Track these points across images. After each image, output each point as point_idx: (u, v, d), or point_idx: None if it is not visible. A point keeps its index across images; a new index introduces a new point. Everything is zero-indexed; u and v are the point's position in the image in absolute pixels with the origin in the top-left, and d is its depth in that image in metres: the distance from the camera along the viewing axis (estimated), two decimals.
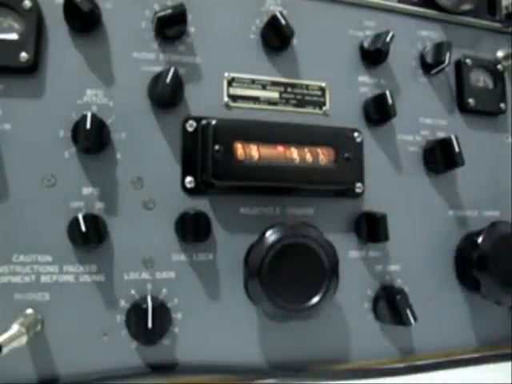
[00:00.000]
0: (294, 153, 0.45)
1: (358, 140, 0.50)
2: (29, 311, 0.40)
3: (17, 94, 0.42)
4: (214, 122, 0.43)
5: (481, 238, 0.51)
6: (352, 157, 0.47)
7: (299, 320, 0.44)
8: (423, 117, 0.54)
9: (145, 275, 0.43)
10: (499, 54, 0.59)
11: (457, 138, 0.51)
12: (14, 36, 0.41)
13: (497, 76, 0.57)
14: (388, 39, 0.50)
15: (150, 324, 0.39)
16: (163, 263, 0.44)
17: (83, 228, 0.39)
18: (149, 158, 0.44)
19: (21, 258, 0.41)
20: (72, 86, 0.43)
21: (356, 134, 0.50)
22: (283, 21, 0.46)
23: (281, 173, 0.44)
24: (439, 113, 0.55)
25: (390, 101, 0.49)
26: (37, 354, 0.40)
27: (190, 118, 0.45)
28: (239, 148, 0.43)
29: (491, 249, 0.50)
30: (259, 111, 0.48)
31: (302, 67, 0.50)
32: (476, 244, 0.51)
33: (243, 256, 0.45)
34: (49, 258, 0.41)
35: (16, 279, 0.40)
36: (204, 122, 0.45)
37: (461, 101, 0.56)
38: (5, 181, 0.41)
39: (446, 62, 0.52)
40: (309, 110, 0.50)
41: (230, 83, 0.48)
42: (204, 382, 0.43)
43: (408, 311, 0.46)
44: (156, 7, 0.46)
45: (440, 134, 0.54)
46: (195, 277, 0.44)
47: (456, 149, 0.51)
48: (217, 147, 0.43)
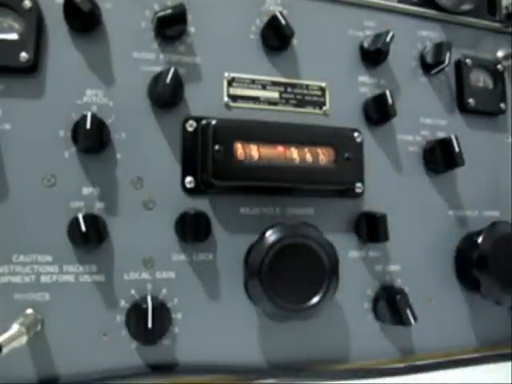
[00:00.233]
0: (294, 153, 0.45)
1: (358, 140, 0.50)
2: (29, 311, 0.40)
3: (17, 94, 0.42)
4: (214, 122, 0.43)
5: (481, 238, 0.51)
6: (352, 157, 0.47)
7: (299, 320, 0.44)
8: (423, 117, 0.54)
9: (145, 275, 0.43)
10: (499, 54, 0.59)
11: (457, 138, 0.51)
12: (14, 36, 0.41)
13: (497, 76, 0.57)
14: (388, 39, 0.50)
15: (150, 324, 0.39)
16: (163, 263, 0.44)
17: (83, 228, 0.39)
18: (149, 158, 0.44)
19: (21, 258, 0.41)
20: (72, 86, 0.43)
21: (356, 134, 0.50)
22: (283, 21, 0.46)
23: (281, 173, 0.44)
24: (439, 113, 0.55)
25: (390, 101, 0.49)
26: (37, 354, 0.40)
27: (190, 118, 0.45)
28: (239, 148, 0.43)
29: (491, 249, 0.50)
30: (259, 111, 0.48)
31: (302, 67, 0.50)
32: (476, 244, 0.51)
33: (243, 256, 0.45)
34: (49, 258, 0.41)
35: (16, 279, 0.40)
36: (204, 122, 0.45)
37: (461, 101, 0.56)
38: (5, 181, 0.41)
39: (446, 62, 0.52)
40: (309, 110, 0.50)
41: (230, 83, 0.48)
42: (204, 382, 0.43)
43: (408, 311, 0.46)
44: (156, 7, 0.46)
45: (440, 134, 0.54)
46: (195, 277, 0.44)
47: (456, 149, 0.51)
48: (217, 147, 0.43)
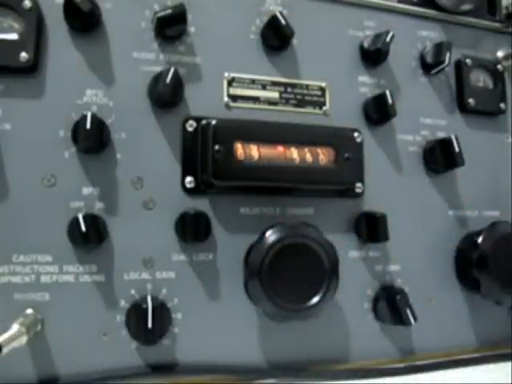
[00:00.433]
0: (294, 153, 0.45)
1: (358, 140, 0.50)
2: (29, 311, 0.40)
3: (17, 94, 0.42)
4: (214, 122, 0.43)
5: (481, 238, 0.51)
6: (352, 157, 0.47)
7: (299, 320, 0.44)
8: (423, 117, 0.54)
9: (145, 275, 0.43)
10: (499, 54, 0.59)
11: (457, 138, 0.51)
12: (14, 36, 0.41)
13: (497, 76, 0.57)
14: (388, 39, 0.50)
15: (150, 324, 0.39)
16: (163, 263, 0.44)
17: (83, 228, 0.39)
18: (149, 158, 0.44)
19: (21, 258, 0.41)
20: (72, 86, 0.43)
21: (356, 134, 0.50)
22: (283, 21, 0.46)
23: (281, 173, 0.44)
24: (439, 113, 0.55)
25: (390, 101, 0.49)
26: (37, 354, 0.40)
27: (190, 118, 0.45)
28: (239, 148, 0.43)
29: (491, 249, 0.50)
30: (259, 111, 0.48)
31: (302, 67, 0.50)
32: (476, 244, 0.51)
33: (243, 256, 0.45)
34: (49, 258, 0.41)
35: (16, 279, 0.40)
36: (204, 122, 0.45)
37: (461, 101, 0.56)
38: (5, 181, 0.41)
39: (446, 62, 0.52)
40: (309, 110, 0.50)
41: (230, 83, 0.48)
42: (204, 382, 0.43)
43: (408, 311, 0.46)
44: (156, 7, 0.46)
45: (440, 134, 0.54)
46: (195, 277, 0.44)
47: (456, 149, 0.51)
48: (217, 147, 0.43)
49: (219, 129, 0.43)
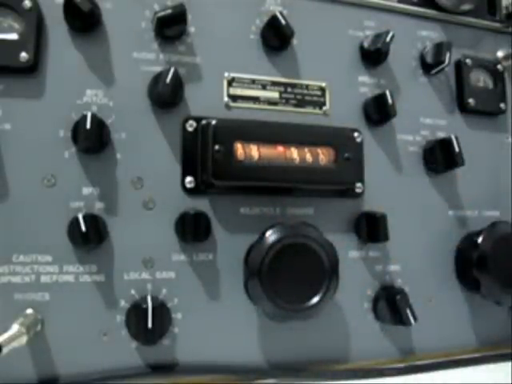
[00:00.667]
0: (294, 153, 0.45)
1: (358, 140, 0.50)
2: (29, 311, 0.40)
3: (17, 94, 0.42)
4: (214, 122, 0.43)
5: (481, 238, 0.51)
6: (352, 157, 0.47)
7: (299, 320, 0.44)
8: (423, 117, 0.54)
9: (145, 275, 0.43)
10: (499, 54, 0.59)
11: (457, 138, 0.51)
12: (14, 36, 0.41)
13: (497, 76, 0.57)
14: (388, 39, 0.50)
15: (150, 324, 0.39)
16: (163, 263, 0.44)
17: (83, 228, 0.39)
18: (149, 158, 0.44)
19: (21, 258, 0.41)
20: (72, 86, 0.43)
21: (356, 134, 0.50)
22: (283, 21, 0.46)
23: (281, 173, 0.44)
24: (439, 113, 0.55)
25: (390, 101, 0.49)
26: (37, 354, 0.40)
27: (190, 118, 0.45)
28: (239, 148, 0.43)
29: (491, 249, 0.50)
30: (259, 111, 0.48)
31: (302, 67, 0.50)
32: (476, 244, 0.51)
33: (243, 256, 0.45)
34: (49, 258, 0.41)
35: (16, 279, 0.40)
36: (204, 122, 0.45)
37: (461, 101, 0.56)
38: (5, 181, 0.41)
39: (446, 62, 0.52)
40: (309, 110, 0.50)
41: (230, 83, 0.48)
42: (204, 382, 0.43)
43: (408, 311, 0.46)
44: (156, 7, 0.46)
45: (440, 134, 0.54)
46: (195, 277, 0.44)
47: (456, 149, 0.51)
48: (217, 147, 0.43)
49: (219, 129, 0.43)
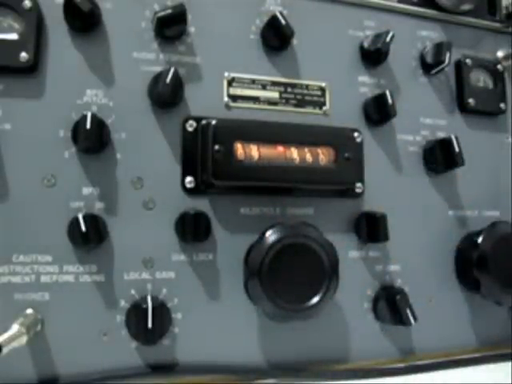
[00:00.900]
0: (294, 153, 0.45)
1: (358, 140, 0.50)
2: (29, 311, 0.40)
3: (17, 94, 0.42)
4: (214, 122, 0.43)
5: (481, 238, 0.51)
6: (352, 157, 0.47)
7: (299, 320, 0.44)
8: (423, 117, 0.54)
9: (145, 275, 0.43)
10: (499, 54, 0.59)
11: (457, 138, 0.51)
12: (14, 36, 0.41)
13: (497, 76, 0.57)
14: (388, 39, 0.50)
15: (150, 324, 0.39)
16: (163, 263, 0.44)
17: (83, 228, 0.39)
18: (149, 158, 0.44)
19: (21, 258, 0.41)
20: (72, 86, 0.43)
21: (356, 134, 0.50)
22: (283, 21, 0.46)
23: (281, 173, 0.44)
24: (439, 113, 0.55)
25: (390, 101, 0.49)
26: (37, 354, 0.40)
27: (190, 118, 0.45)
28: (239, 148, 0.43)
29: (491, 249, 0.50)
30: (259, 111, 0.48)
31: (302, 67, 0.50)
32: (476, 244, 0.51)
33: (243, 256, 0.45)
34: (49, 258, 0.41)
35: (16, 279, 0.40)
36: (204, 122, 0.45)
37: (461, 101, 0.56)
38: (5, 181, 0.41)
39: (446, 62, 0.52)
40: (309, 110, 0.50)
41: (230, 83, 0.48)
42: (204, 382, 0.43)
43: (408, 311, 0.46)
44: (156, 7, 0.46)
45: (440, 134, 0.54)
46: (195, 277, 0.44)
47: (456, 149, 0.51)
48: (217, 147, 0.43)
49: (219, 129, 0.43)
